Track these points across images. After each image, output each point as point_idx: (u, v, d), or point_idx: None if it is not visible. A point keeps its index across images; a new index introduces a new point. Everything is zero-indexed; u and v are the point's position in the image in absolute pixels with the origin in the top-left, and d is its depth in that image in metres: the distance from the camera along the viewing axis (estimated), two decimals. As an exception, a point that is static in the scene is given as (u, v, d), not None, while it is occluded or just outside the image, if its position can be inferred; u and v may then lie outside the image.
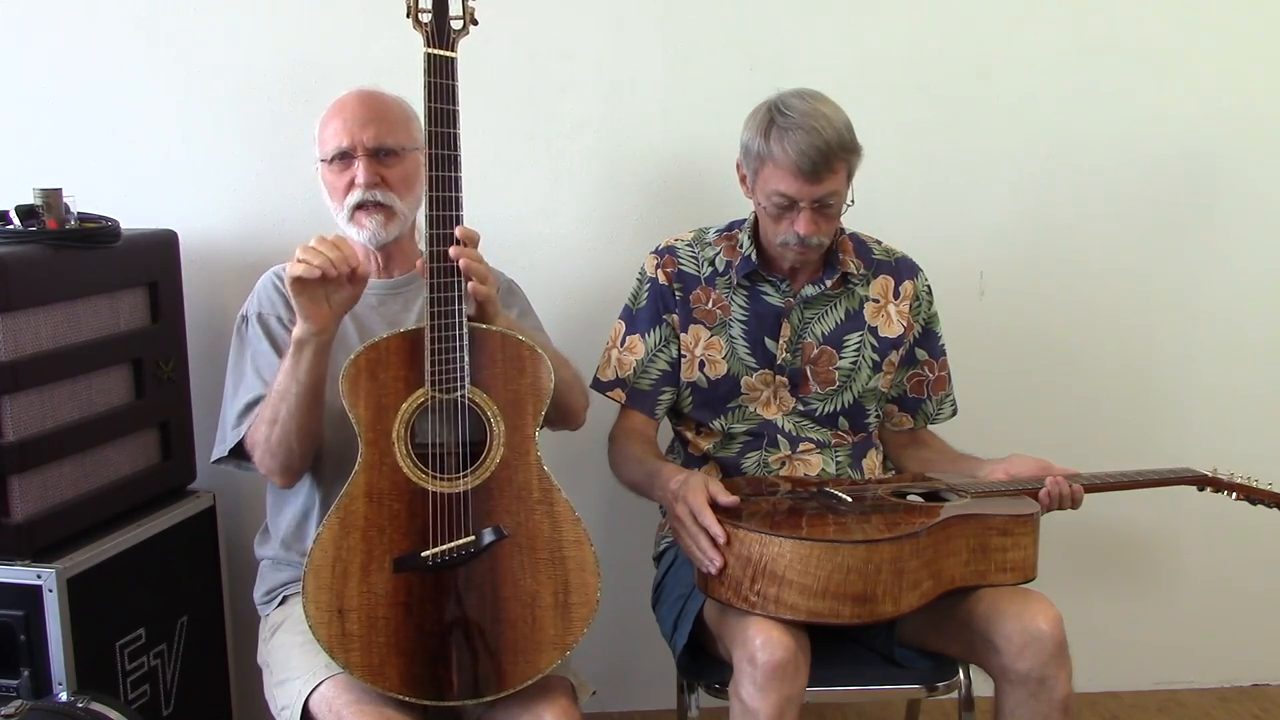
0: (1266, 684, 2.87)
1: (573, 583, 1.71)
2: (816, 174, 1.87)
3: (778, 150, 1.88)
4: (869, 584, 1.69)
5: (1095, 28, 2.55)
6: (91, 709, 1.79)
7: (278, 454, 1.77)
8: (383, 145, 1.87)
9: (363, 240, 1.90)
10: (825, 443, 2.09)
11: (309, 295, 1.67)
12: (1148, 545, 2.77)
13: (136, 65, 2.39)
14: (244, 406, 1.85)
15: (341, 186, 1.88)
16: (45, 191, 2.00)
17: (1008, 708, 1.81)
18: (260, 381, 1.85)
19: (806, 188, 1.88)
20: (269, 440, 1.76)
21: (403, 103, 1.94)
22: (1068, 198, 2.61)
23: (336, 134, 1.88)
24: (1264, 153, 2.64)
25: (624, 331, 2.12)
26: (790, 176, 1.88)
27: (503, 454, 1.70)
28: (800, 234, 1.92)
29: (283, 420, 1.74)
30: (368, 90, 1.93)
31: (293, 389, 1.72)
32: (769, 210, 1.95)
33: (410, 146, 1.90)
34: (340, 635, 1.65)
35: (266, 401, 1.77)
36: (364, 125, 1.87)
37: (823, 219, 1.93)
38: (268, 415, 1.76)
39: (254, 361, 1.88)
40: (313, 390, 1.72)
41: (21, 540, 1.91)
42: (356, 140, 1.86)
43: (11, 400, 1.87)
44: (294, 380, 1.71)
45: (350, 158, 1.87)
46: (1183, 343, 2.70)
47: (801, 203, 1.90)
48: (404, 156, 1.89)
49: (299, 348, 1.70)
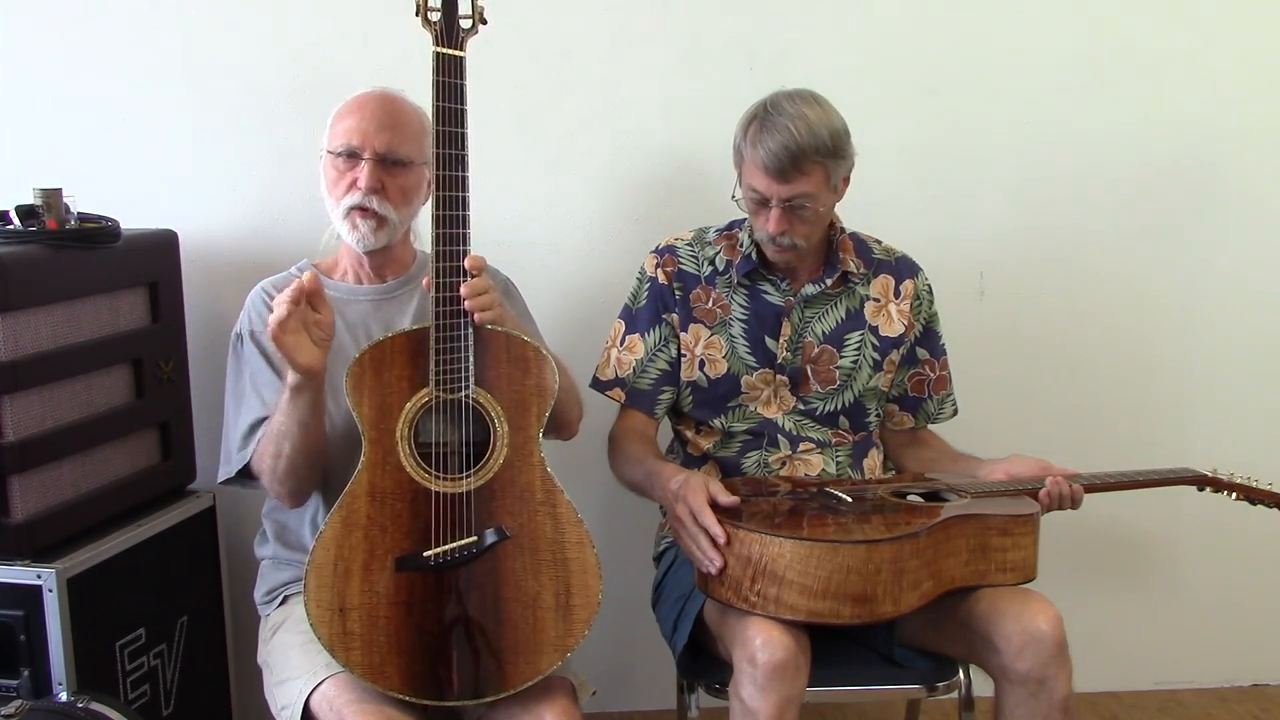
0: (1266, 684, 2.87)
1: (574, 584, 1.71)
2: (784, 174, 1.89)
3: (752, 148, 1.91)
4: (869, 584, 1.69)
5: (1096, 30, 2.55)
6: (91, 709, 1.78)
7: (286, 482, 1.78)
8: (393, 154, 1.85)
9: (351, 242, 1.89)
10: (825, 442, 2.09)
11: (294, 340, 1.64)
12: (1148, 545, 2.77)
13: (137, 65, 2.39)
14: (248, 428, 1.84)
15: (343, 183, 1.87)
16: (45, 191, 2.00)
17: (1008, 708, 1.81)
18: (260, 402, 1.85)
19: (774, 185, 1.91)
20: (275, 471, 1.76)
21: (422, 115, 1.91)
22: (1067, 198, 2.62)
23: (349, 131, 1.86)
24: (1264, 153, 2.64)
25: (624, 331, 2.12)
26: (761, 173, 1.91)
27: (506, 455, 1.70)
28: (769, 232, 1.94)
29: (287, 454, 1.73)
30: (392, 94, 1.91)
31: (294, 429, 1.71)
32: (746, 205, 1.98)
33: (419, 160, 1.89)
34: (341, 634, 1.65)
35: (267, 436, 1.77)
36: (380, 129, 1.85)
37: (796, 219, 1.94)
38: (271, 450, 1.75)
39: (253, 381, 1.87)
40: (313, 425, 1.72)
41: (21, 540, 1.90)
42: (368, 143, 1.84)
43: (11, 400, 1.87)
44: (294, 422, 1.70)
45: (357, 158, 1.85)
46: (1183, 342, 2.70)
47: (772, 201, 1.92)
48: (411, 169, 1.87)
49: (295, 394, 1.68)
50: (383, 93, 1.91)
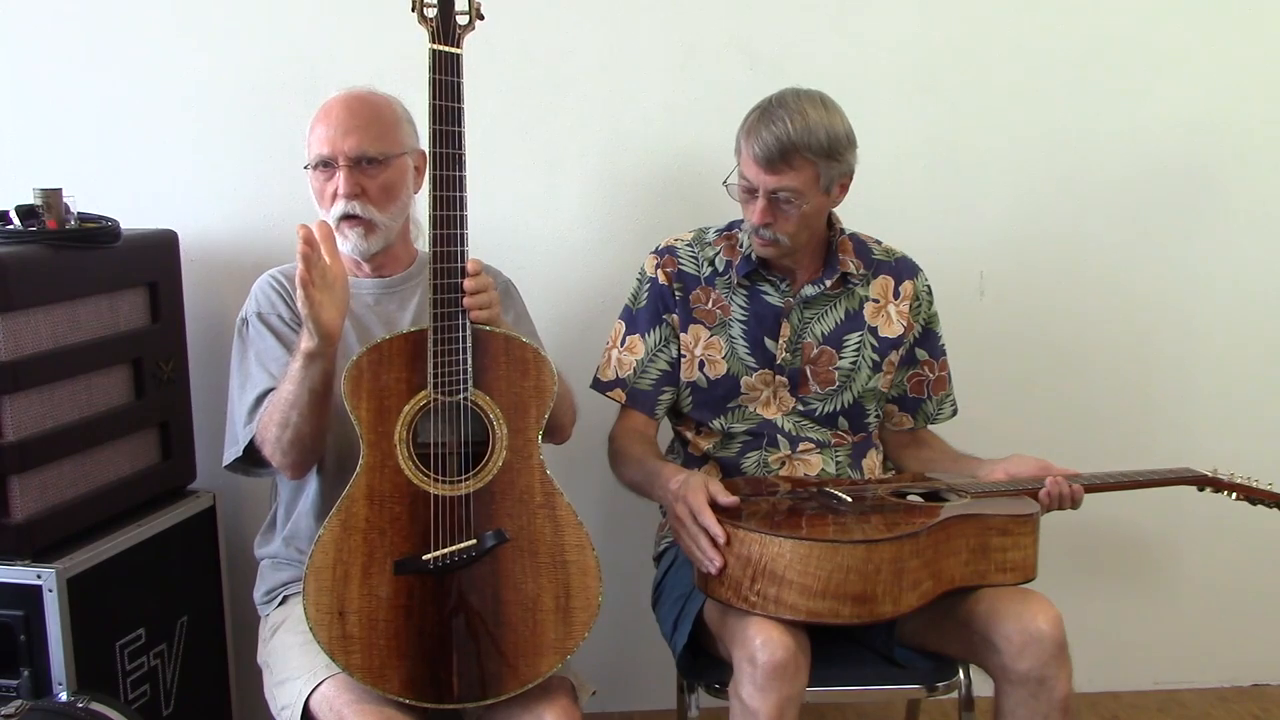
0: (1266, 684, 2.87)
1: (574, 587, 1.71)
2: (772, 165, 1.89)
3: (748, 136, 1.93)
4: (869, 584, 1.69)
5: (1097, 30, 2.55)
6: (91, 709, 1.79)
7: (290, 453, 1.76)
8: (364, 154, 1.84)
9: (346, 252, 1.87)
10: (825, 443, 2.09)
11: (320, 296, 1.62)
12: (1148, 545, 2.77)
13: (137, 65, 2.39)
14: (253, 402, 1.83)
15: (327, 195, 1.86)
16: (45, 191, 2.00)
17: (1008, 708, 1.81)
18: (266, 375, 1.84)
19: (762, 175, 1.91)
20: (280, 440, 1.75)
21: (394, 104, 1.91)
22: (1068, 198, 2.61)
23: (319, 141, 1.85)
24: (1264, 153, 2.63)
25: (624, 331, 2.12)
26: (752, 162, 1.92)
27: (505, 457, 1.70)
28: (753, 222, 1.95)
29: (295, 424, 1.73)
30: (355, 93, 1.89)
31: (304, 396, 1.70)
32: (738, 194, 1.99)
33: (395, 152, 1.87)
34: (341, 637, 1.64)
35: (274, 405, 1.76)
36: (346, 134, 1.84)
37: (780, 214, 1.94)
38: (278, 419, 1.74)
39: (259, 358, 1.86)
40: (323, 394, 1.71)
41: (21, 540, 1.91)
42: (338, 149, 1.83)
43: (11, 400, 1.87)
44: (305, 389, 1.69)
45: (332, 167, 1.85)
46: (1183, 342, 2.70)
47: (758, 190, 1.93)
48: (387, 164, 1.86)
49: (309, 360, 1.67)
50: (347, 94, 1.89)
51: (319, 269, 1.63)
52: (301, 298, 1.63)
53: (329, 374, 1.70)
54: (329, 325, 1.65)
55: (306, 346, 1.67)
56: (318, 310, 1.63)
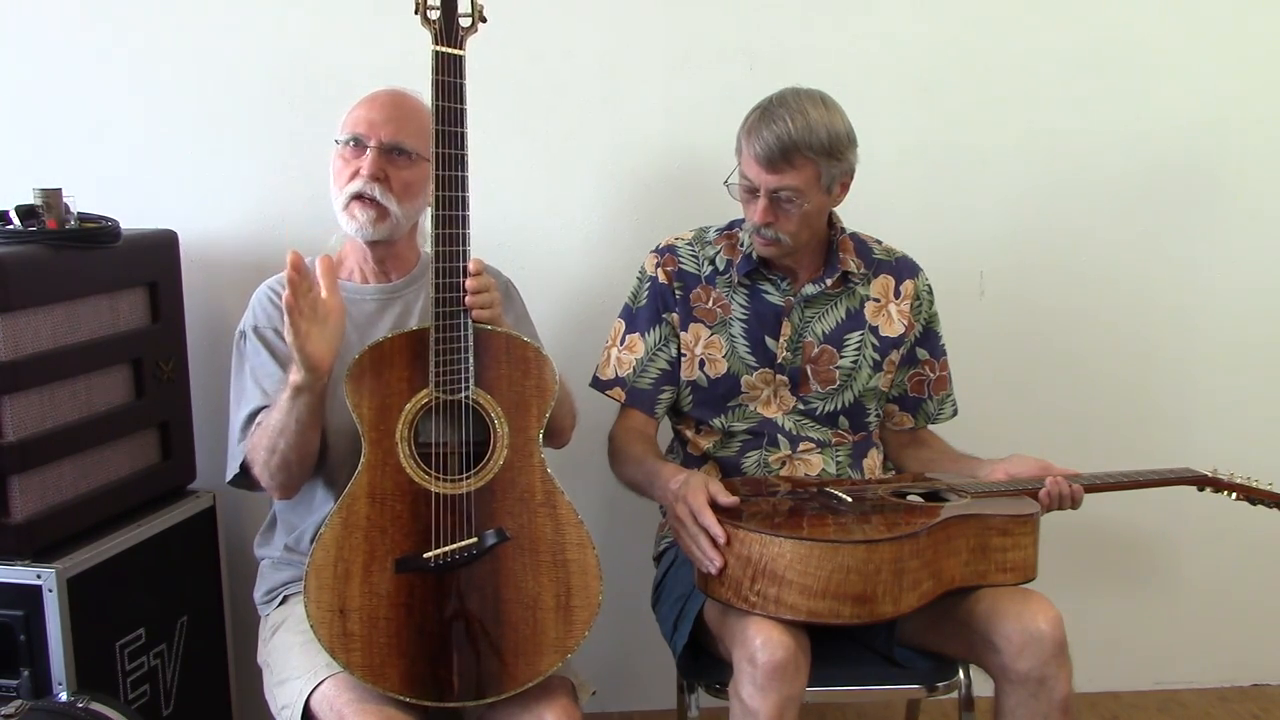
0: (1266, 684, 2.87)
1: (574, 586, 1.71)
2: (773, 164, 1.90)
3: (749, 135, 1.93)
4: (869, 584, 1.69)
5: (1097, 30, 2.55)
6: (91, 709, 1.79)
7: (276, 476, 1.77)
8: (398, 144, 1.85)
9: (350, 231, 1.88)
10: (825, 442, 2.09)
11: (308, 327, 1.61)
12: (1148, 545, 2.77)
13: (137, 65, 2.39)
14: (245, 419, 1.84)
15: (347, 171, 1.86)
16: (45, 191, 2.00)
17: (1008, 708, 1.81)
18: (260, 392, 1.84)
19: (763, 175, 1.92)
20: (268, 465, 1.76)
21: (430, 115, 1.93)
22: (1068, 198, 2.61)
23: (357, 120, 1.87)
24: (1264, 153, 2.64)
25: (624, 330, 2.12)
26: (753, 161, 1.93)
27: (506, 456, 1.70)
28: (754, 221, 1.96)
29: (281, 451, 1.73)
30: (404, 91, 1.92)
31: (290, 426, 1.70)
32: (739, 193, 1.99)
33: (424, 155, 1.88)
34: (341, 635, 1.65)
35: (264, 429, 1.76)
36: (387, 120, 1.85)
37: (781, 213, 1.95)
38: (265, 444, 1.74)
39: (253, 374, 1.87)
40: (309, 425, 1.71)
41: (21, 540, 1.91)
42: (375, 132, 1.85)
43: (11, 400, 1.87)
44: (291, 419, 1.69)
45: (363, 146, 1.85)
46: (1183, 342, 2.70)
47: (760, 190, 1.93)
48: (415, 162, 1.87)
49: (296, 393, 1.67)
50: (396, 89, 1.92)
51: (309, 299, 1.62)
52: (287, 324, 1.61)
53: (315, 408, 1.70)
54: (315, 357, 1.63)
55: (294, 380, 1.66)
56: (303, 341, 1.62)
